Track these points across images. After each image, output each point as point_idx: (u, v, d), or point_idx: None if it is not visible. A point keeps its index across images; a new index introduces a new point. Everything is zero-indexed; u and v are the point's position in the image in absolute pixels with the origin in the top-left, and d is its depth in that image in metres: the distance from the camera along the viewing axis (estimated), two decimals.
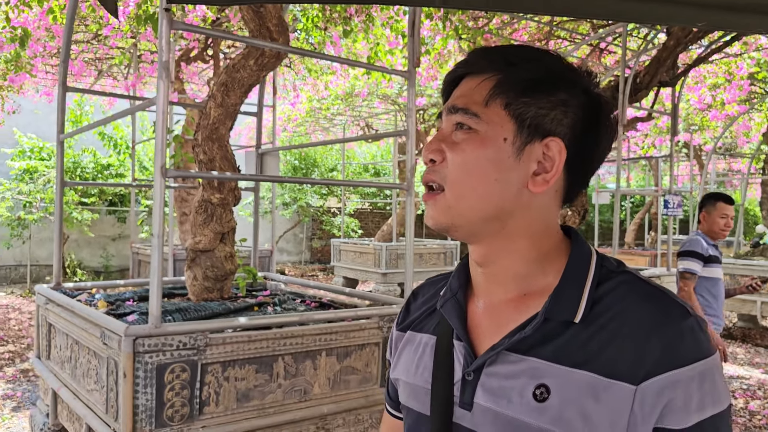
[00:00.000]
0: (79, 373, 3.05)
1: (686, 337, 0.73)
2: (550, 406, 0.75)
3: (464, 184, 0.80)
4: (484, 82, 0.81)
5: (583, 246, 0.85)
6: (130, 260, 7.34)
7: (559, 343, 0.77)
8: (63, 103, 3.77)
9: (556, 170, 0.80)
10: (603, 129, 0.83)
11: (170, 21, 2.51)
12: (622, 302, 0.77)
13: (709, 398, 0.73)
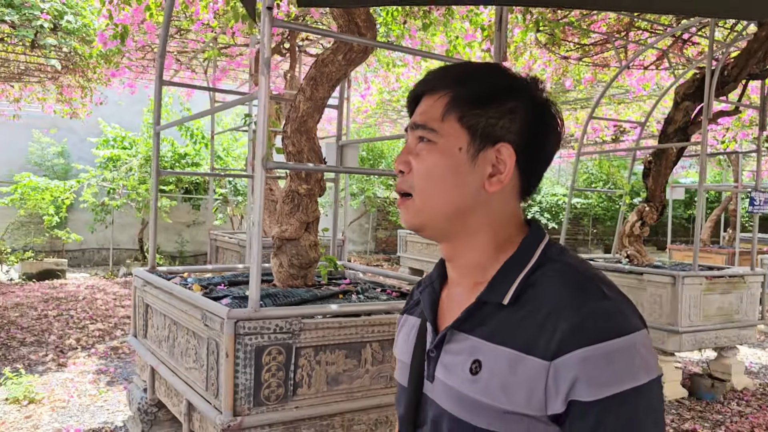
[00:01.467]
0: (177, 352, 3.24)
1: (599, 317, 0.80)
2: (481, 378, 0.86)
3: (428, 189, 0.92)
4: (440, 100, 0.93)
5: (535, 236, 0.94)
6: (208, 246, 7.63)
7: (493, 323, 0.88)
8: (159, 96, 3.96)
9: (508, 171, 0.90)
10: (549, 131, 0.93)
11: (272, 19, 2.62)
12: (547, 286, 0.86)
13: (620, 374, 0.78)
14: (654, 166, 5.81)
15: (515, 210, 0.95)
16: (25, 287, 9.06)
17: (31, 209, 10.00)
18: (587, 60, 6.80)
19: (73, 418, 4.04)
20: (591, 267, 0.90)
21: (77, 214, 11.11)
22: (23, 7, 5.07)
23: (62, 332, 6.36)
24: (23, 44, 7.40)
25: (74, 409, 4.21)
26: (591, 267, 0.90)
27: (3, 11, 4.99)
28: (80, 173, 10.66)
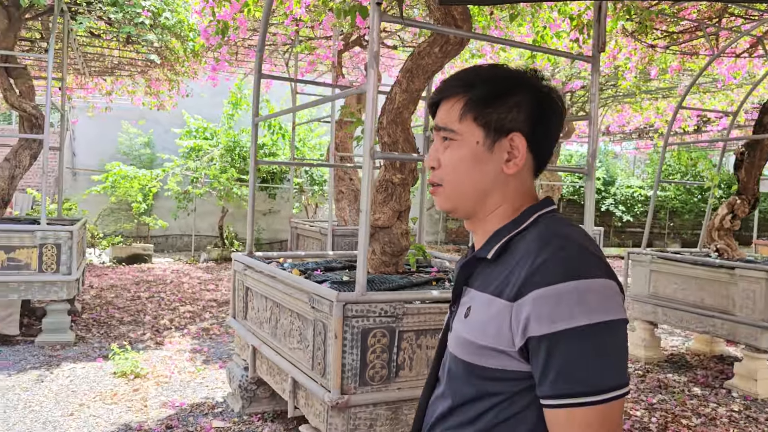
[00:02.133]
0: (280, 333, 3.41)
1: (553, 263, 0.93)
2: (469, 320, 1.04)
3: (456, 179, 1.09)
4: (456, 104, 1.09)
5: (537, 207, 1.09)
6: (289, 234, 7.88)
7: (482, 275, 1.07)
8: (258, 88, 4.13)
9: (522, 155, 1.06)
10: (553, 116, 1.09)
11: (380, 13, 2.71)
12: (522, 243, 1.02)
13: (569, 313, 0.89)
14: (747, 157, 5.61)
15: (529, 185, 1.11)
16: (117, 270, 9.59)
17: (121, 197, 10.56)
18: (674, 48, 6.61)
19: (176, 393, 4.31)
20: (567, 229, 1.02)
21: (161, 201, 11.64)
22: (126, 5, 5.37)
23: (156, 313, 6.73)
24: (118, 40, 7.83)
25: (176, 384, 4.48)
26: (567, 229, 1.02)
27: (109, 9, 5.31)
28: (165, 162, 11.17)
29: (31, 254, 5.24)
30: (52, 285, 5.30)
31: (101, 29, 7.07)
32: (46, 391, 4.24)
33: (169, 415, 3.91)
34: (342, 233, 6.72)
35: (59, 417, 3.81)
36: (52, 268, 5.29)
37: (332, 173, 6.96)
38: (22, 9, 5.92)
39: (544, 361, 0.91)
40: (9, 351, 5.15)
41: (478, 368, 1.02)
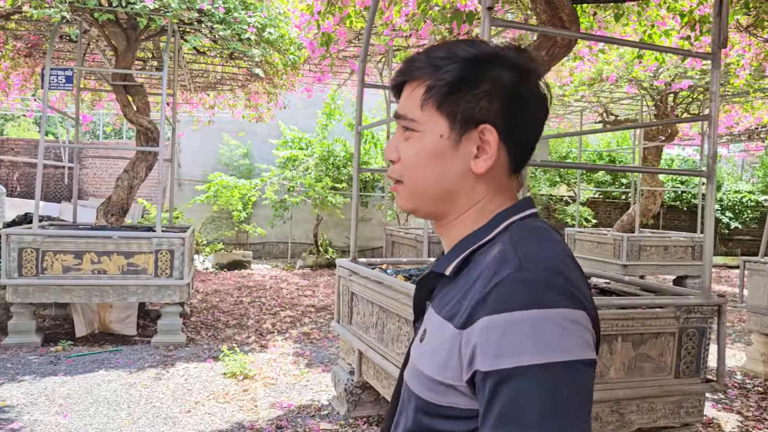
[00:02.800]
0: (387, 338, 3.45)
1: (507, 286, 0.78)
2: (422, 345, 0.90)
3: (415, 176, 0.93)
4: (417, 88, 0.92)
5: (511, 212, 0.92)
6: (383, 241, 7.97)
7: (441, 293, 0.92)
8: (361, 98, 4.21)
9: (492, 152, 0.89)
10: (533, 104, 0.90)
11: (491, 19, 2.70)
12: (482, 259, 0.87)
13: (518, 348, 0.74)
14: None
15: (505, 186, 0.94)
16: (219, 275, 10.03)
17: (222, 206, 11.05)
18: None
19: (283, 395, 4.44)
20: (537, 242, 0.86)
21: (258, 209, 12.08)
22: (233, 22, 5.64)
23: (258, 317, 6.98)
24: (221, 56, 8.23)
25: (283, 386, 4.62)
26: (537, 242, 0.86)
27: (217, 27, 5.59)
28: (262, 172, 11.59)
29: (148, 260, 5.58)
30: (166, 288, 5.62)
31: (206, 46, 7.46)
32: (164, 388, 4.49)
33: (278, 416, 4.04)
34: (437, 240, 6.71)
35: (177, 413, 4.02)
36: (166, 272, 5.61)
37: None
38: (138, 31, 6.35)
39: (486, 401, 0.76)
40: (129, 350, 5.49)
41: (427, 404, 0.87)
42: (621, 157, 13.71)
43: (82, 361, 5.12)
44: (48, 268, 5.43)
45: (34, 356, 5.21)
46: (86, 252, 5.48)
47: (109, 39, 6.46)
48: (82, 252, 5.47)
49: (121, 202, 6.19)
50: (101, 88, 9.45)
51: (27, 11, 4.96)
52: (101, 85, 9.45)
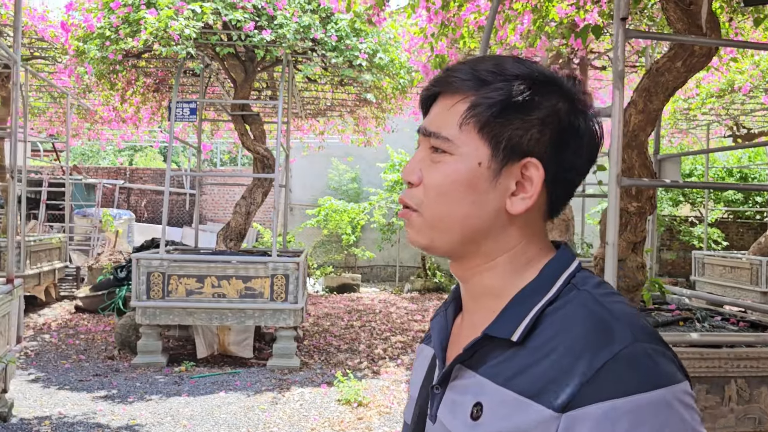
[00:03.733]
0: None
1: (625, 364, 0.65)
2: (482, 424, 0.72)
3: (440, 207, 0.78)
4: (458, 104, 0.78)
5: (560, 262, 0.79)
6: None
7: (499, 361, 0.74)
8: None
9: (534, 191, 0.76)
10: (584, 144, 0.78)
11: (625, 31, 2.51)
12: (563, 321, 0.72)
13: None
14: None
15: (540, 230, 0.81)
16: (329, 298, 10.16)
17: (332, 229, 11.24)
18: None
19: (398, 424, 4.34)
20: (622, 302, 0.74)
21: (366, 233, 12.19)
22: (345, 49, 5.72)
23: (369, 342, 6.95)
24: (332, 83, 8.42)
25: (397, 415, 4.52)
26: (622, 302, 0.74)
27: (330, 55, 5.70)
28: (370, 196, 11.70)
29: (264, 284, 5.71)
30: (281, 313, 5.71)
31: (317, 74, 7.64)
32: (280, 413, 4.51)
33: None
34: None
35: None
36: (282, 296, 5.71)
37: None
38: (255, 62, 6.60)
39: None
40: (246, 373, 5.61)
41: None
42: (754, 173, 12.61)
43: (204, 382, 5.28)
44: (173, 291, 5.68)
45: (160, 376, 5.44)
46: (207, 276, 5.69)
47: (228, 71, 6.77)
48: (203, 276, 5.69)
49: (239, 228, 6.41)
50: (219, 118, 9.96)
51: (157, 49, 5.27)
52: (219, 115, 9.96)
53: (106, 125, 11.69)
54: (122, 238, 11.50)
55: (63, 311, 8.52)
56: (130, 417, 4.35)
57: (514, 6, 4.48)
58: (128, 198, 14.46)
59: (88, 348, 6.43)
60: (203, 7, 5.33)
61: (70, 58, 6.43)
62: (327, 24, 5.79)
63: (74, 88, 9.27)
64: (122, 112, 8.93)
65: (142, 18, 5.33)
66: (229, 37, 5.76)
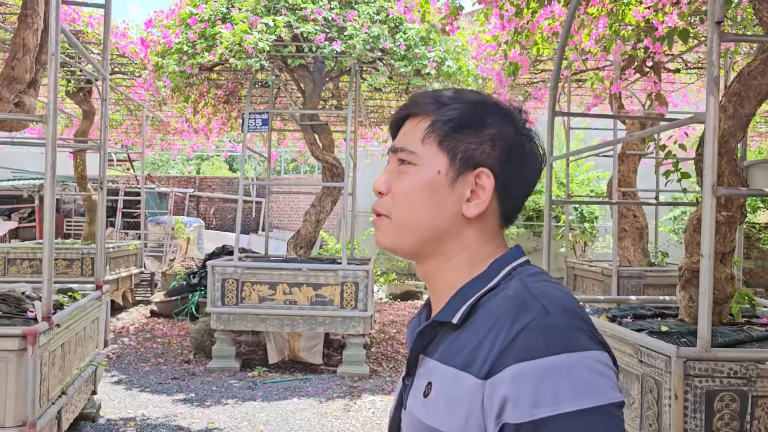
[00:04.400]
0: None
1: (534, 332, 0.74)
2: (430, 400, 0.83)
3: (405, 211, 0.88)
4: (421, 123, 0.90)
5: (506, 258, 0.89)
6: (565, 273, 7.58)
7: (445, 344, 0.85)
8: (552, 126, 4.03)
9: (486, 197, 0.87)
10: (530, 160, 0.90)
11: (720, 34, 2.42)
12: (493, 303, 0.82)
13: (554, 396, 0.71)
14: None
15: (495, 233, 0.91)
16: (393, 305, 10.19)
17: None
18: None
19: None
20: (549, 285, 0.83)
21: None
22: (414, 58, 5.74)
23: None
24: (395, 91, 8.46)
25: None
26: (549, 285, 0.83)
27: (399, 64, 5.73)
28: None
29: (334, 291, 5.77)
30: (351, 320, 5.76)
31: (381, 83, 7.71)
32: (353, 420, 4.54)
33: None
34: (628, 275, 6.22)
35: None
36: (351, 304, 5.75)
37: (615, 210, 6.52)
38: (323, 73, 6.71)
39: None
40: (317, 379, 5.68)
41: None
42: None
43: (276, 387, 5.37)
44: (246, 297, 5.82)
45: (235, 380, 5.57)
46: (279, 283, 5.80)
47: (297, 82, 6.90)
48: (275, 283, 5.80)
49: (309, 236, 6.51)
50: (284, 128, 10.17)
51: (232, 63, 5.43)
52: (284, 125, 10.17)
53: (177, 136, 12.14)
54: (193, 244, 11.87)
55: (139, 315, 8.85)
56: (208, 420, 4.47)
57: (589, 11, 4.39)
58: (197, 206, 14.92)
59: (165, 351, 6.65)
60: (276, 21, 5.45)
61: (149, 72, 6.70)
62: (395, 34, 5.83)
63: (149, 101, 9.66)
64: (194, 123, 9.23)
65: (217, 33, 5.50)
66: (299, 48, 5.87)
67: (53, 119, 2.83)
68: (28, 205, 11.92)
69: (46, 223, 2.85)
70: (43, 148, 3.08)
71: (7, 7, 5.85)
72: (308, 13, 5.57)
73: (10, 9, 5.86)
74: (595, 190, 10.56)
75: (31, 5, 3.58)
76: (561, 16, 4.43)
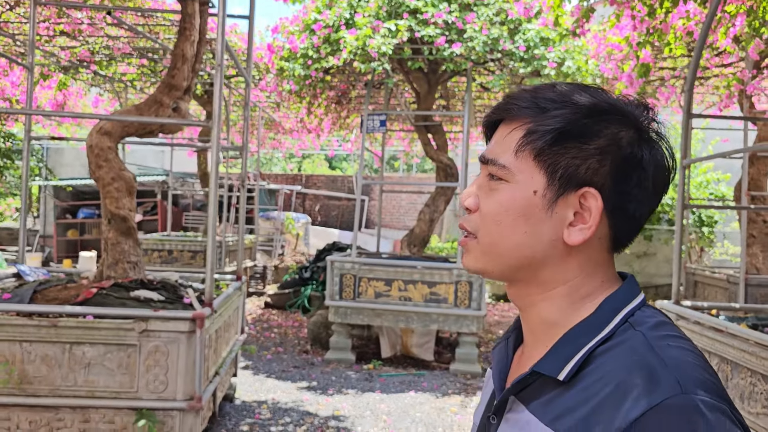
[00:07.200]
0: (734, 394, 3.11)
1: (670, 416, 0.62)
2: None
3: (494, 234, 0.78)
4: (515, 131, 0.77)
5: (621, 297, 0.76)
6: (684, 280, 7.30)
7: (547, 398, 0.74)
8: (687, 128, 3.94)
9: (593, 222, 0.75)
10: (650, 174, 0.75)
11: None
12: (611, 364, 0.70)
13: None
14: None
15: (603, 262, 0.78)
16: (497, 306, 10.18)
17: None
18: None
19: None
20: (680, 347, 0.70)
21: None
22: (533, 59, 5.75)
23: None
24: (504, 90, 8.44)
25: None
26: (680, 347, 0.70)
27: (518, 65, 5.75)
28: None
29: (448, 290, 5.88)
30: (464, 318, 5.85)
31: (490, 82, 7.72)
32: (470, 416, 4.64)
33: None
34: (757, 283, 5.94)
35: None
36: (465, 303, 5.84)
37: (744, 215, 6.24)
38: (437, 75, 6.83)
39: None
40: (430, 375, 5.82)
41: None
42: None
43: (392, 381, 5.56)
44: (363, 293, 6.04)
45: (352, 372, 5.81)
46: (395, 280, 5.98)
47: (412, 84, 7.06)
48: (391, 280, 5.99)
49: (422, 234, 6.66)
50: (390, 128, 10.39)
51: (356, 66, 5.65)
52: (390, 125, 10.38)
53: (287, 135, 12.68)
54: (300, 240, 12.37)
55: (254, 306, 9.35)
56: (333, 408, 4.71)
57: (726, 9, 4.25)
58: (303, 203, 15.50)
59: (283, 342, 7.02)
60: (398, 26, 5.63)
61: (274, 76, 7.08)
62: (515, 35, 5.85)
63: (264, 102, 10.17)
64: (308, 123, 9.62)
65: (341, 38, 5.75)
66: (416, 51, 6.02)
67: (218, 124, 3.11)
68: (151, 200, 12.82)
69: (209, 219, 3.13)
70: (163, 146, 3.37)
71: (153, 18, 6.37)
72: (429, 16, 5.71)
73: (157, 21, 6.38)
74: (715, 193, 10.06)
75: (189, 20, 3.92)
76: (696, 15, 4.31)
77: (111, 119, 3.74)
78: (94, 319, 3.06)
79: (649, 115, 0.78)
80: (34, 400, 3.05)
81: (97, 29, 6.59)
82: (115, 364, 3.08)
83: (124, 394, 3.08)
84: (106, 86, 9.06)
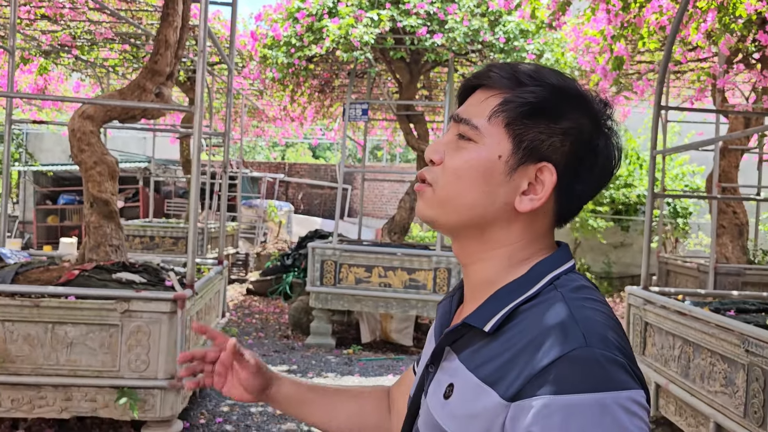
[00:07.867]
0: (695, 373, 3.25)
1: (572, 364, 0.69)
2: (449, 404, 0.79)
3: (453, 188, 0.82)
4: (492, 98, 0.82)
5: (550, 263, 0.83)
6: (657, 269, 7.50)
7: (473, 346, 0.80)
8: (656, 121, 4.07)
9: (544, 195, 0.81)
10: (601, 163, 0.83)
11: None
12: (532, 318, 0.76)
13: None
14: None
15: (543, 233, 0.84)
16: None
17: None
18: None
19: None
20: (593, 308, 0.77)
21: None
22: (513, 50, 5.85)
23: None
24: None
25: None
26: (593, 308, 0.77)
27: (498, 56, 5.85)
28: None
29: (427, 276, 6.00)
30: None
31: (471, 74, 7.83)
32: None
33: None
34: (726, 271, 6.12)
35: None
36: (444, 289, 5.96)
37: (714, 206, 6.41)
38: (420, 64, 6.91)
39: None
40: (409, 360, 5.94)
41: None
42: None
43: (371, 365, 5.67)
44: (343, 279, 6.14)
45: (331, 356, 5.91)
46: (375, 266, 6.08)
47: (394, 73, 7.14)
48: (371, 266, 6.09)
49: (403, 222, 6.76)
50: (374, 117, 10.45)
51: (338, 55, 5.72)
52: (373, 114, 10.45)
53: (270, 123, 12.69)
54: (283, 228, 12.42)
55: (236, 293, 9.41)
56: None
57: (698, 4, 4.37)
58: (286, 191, 15.54)
59: (264, 327, 7.10)
60: (380, 15, 5.69)
61: (257, 64, 7.11)
62: (495, 26, 5.95)
63: (248, 89, 10.18)
64: (291, 111, 9.66)
65: (324, 26, 5.80)
66: (399, 41, 6.09)
67: (200, 110, 3.17)
68: (133, 186, 12.79)
69: (191, 204, 3.19)
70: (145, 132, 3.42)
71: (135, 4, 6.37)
72: (411, 7, 5.78)
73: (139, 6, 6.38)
74: (690, 185, 10.28)
75: (172, 5, 3.96)
76: (669, 10, 4.43)
77: (94, 103, 3.78)
78: (77, 299, 3.13)
79: (606, 111, 0.85)
80: (16, 378, 3.11)
81: (79, 13, 6.58)
82: (97, 344, 3.15)
83: (106, 372, 3.15)
84: (87, 71, 9.02)
